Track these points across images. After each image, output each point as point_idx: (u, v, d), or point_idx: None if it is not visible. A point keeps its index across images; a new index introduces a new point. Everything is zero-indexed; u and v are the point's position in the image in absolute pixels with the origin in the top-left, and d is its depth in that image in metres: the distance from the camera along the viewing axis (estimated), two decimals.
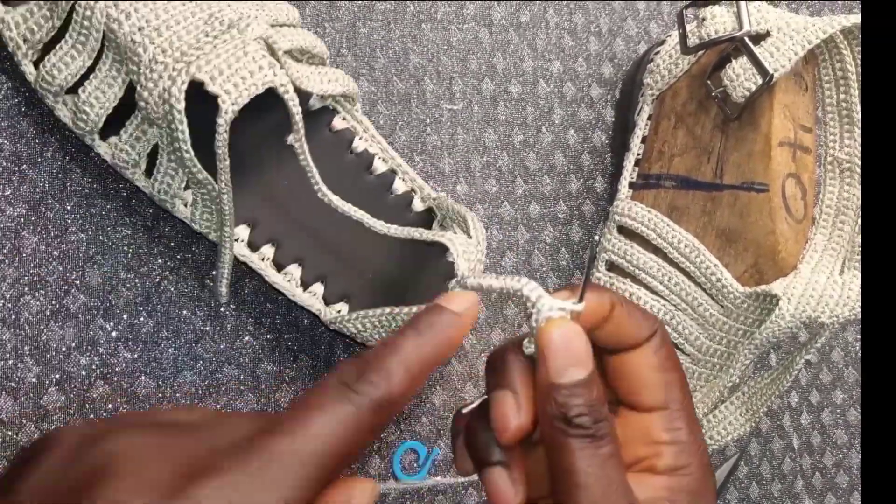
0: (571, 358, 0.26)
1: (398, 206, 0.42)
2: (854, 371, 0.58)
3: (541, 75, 0.51)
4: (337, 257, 0.41)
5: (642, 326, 0.28)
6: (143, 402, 0.39)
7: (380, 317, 0.38)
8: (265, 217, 0.40)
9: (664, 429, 0.28)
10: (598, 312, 0.28)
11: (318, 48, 0.39)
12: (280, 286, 0.40)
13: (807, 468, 0.55)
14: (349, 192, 0.40)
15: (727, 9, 0.43)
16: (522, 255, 0.49)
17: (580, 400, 0.25)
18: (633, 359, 0.29)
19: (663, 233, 0.45)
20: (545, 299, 0.27)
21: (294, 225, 0.40)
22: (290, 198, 0.40)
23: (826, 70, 0.46)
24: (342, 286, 0.41)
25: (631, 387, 0.29)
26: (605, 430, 0.25)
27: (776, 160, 0.43)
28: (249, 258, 0.39)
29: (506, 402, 0.26)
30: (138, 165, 0.37)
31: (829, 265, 0.44)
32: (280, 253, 0.40)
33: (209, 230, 0.38)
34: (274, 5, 0.38)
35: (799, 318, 0.40)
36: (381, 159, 0.42)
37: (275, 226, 0.40)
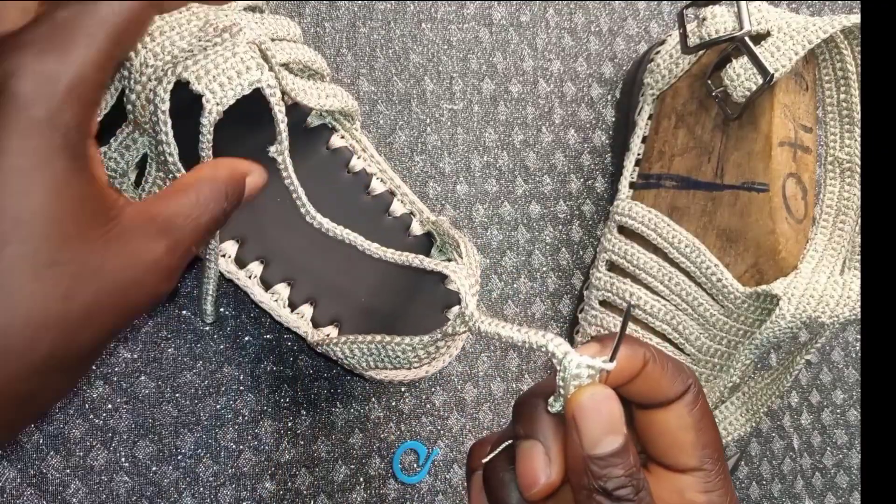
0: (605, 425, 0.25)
1: (395, 229, 0.41)
2: (854, 371, 0.58)
3: (541, 75, 0.51)
4: (329, 279, 0.39)
5: (676, 381, 0.27)
6: (142, 402, 0.39)
7: (369, 344, 0.36)
8: (255, 233, 0.39)
9: (699, 491, 0.27)
10: (629, 370, 0.26)
11: (318, 63, 0.38)
12: (266, 305, 0.38)
13: (807, 468, 0.55)
14: (345, 213, 0.38)
15: (727, 9, 0.43)
16: (522, 255, 0.49)
17: (619, 471, 0.24)
18: (665, 417, 0.27)
19: (664, 233, 0.45)
20: (572, 356, 0.25)
21: (285, 243, 0.39)
22: (283, 215, 0.39)
23: (826, 70, 0.46)
24: (333, 309, 0.39)
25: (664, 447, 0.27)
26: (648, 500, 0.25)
27: (776, 160, 0.43)
28: (236, 275, 0.38)
29: (536, 456, 0.26)
30: (126, 175, 0.36)
31: (830, 265, 0.44)
32: (268, 271, 0.39)
33: None
34: (274, 19, 0.37)
35: (799, 318, 0.40)
36: (379, 180, 0.41)
37: (265, 243, 0.39)
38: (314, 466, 0.42)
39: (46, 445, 0.37)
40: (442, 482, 0.45)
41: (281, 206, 0.39)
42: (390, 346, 0.35)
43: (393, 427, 0.44)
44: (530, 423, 0.26)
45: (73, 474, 0.38)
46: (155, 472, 0.39)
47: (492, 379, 0.47)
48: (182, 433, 0.40)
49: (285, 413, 0.42)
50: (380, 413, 0.44)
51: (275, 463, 0.41)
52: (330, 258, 0.40)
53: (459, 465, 0.46)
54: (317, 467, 0.42)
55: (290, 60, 0.37)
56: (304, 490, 0.42)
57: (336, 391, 0.43)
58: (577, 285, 0.50)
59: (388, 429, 0.44)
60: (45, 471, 0.37)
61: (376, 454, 0.44)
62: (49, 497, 0.37)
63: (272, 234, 0.39)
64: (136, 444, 0.39)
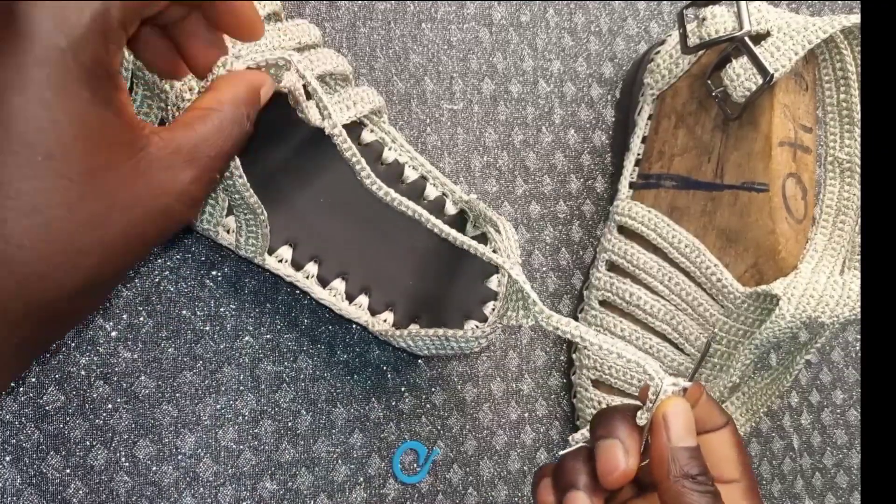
0: (688, 426, 0.31)
1: (431, 211, 0.43)
2: (854, 371, 0.58)
3: (541, 75, 0.51)
4: (378, 267, 0.42)
5: (721, 412, 0.34)
6: (142, 402, 0.39)
7: (433, 337, 0.39)
8: (306, 235, 0.41)
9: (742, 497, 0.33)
10: (695, 395, 0.33)
11: (342, 67, 0.40)
12: (326, 301, 0.40)
13: (807, 468, 0.55)
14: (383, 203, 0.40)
15: (727, 9, 0.43)
16: (523, 255, 0.49)
17: (698, 462, 0.30)
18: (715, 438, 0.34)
19: (663, 233, 0.45)
20: (665, 377, 0.31)
21: (334, 239, 0.41)
22: (328, 213, 0.41)
23: (826, 70, 0.46)
24: (386, 295, 0.42)
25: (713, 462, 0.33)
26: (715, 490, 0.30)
27: (776, 160, 0.43)
28: (294, 277, 0.40)
29: (616, 449, 0.31)
30: None
31: (830, 265, 0.44)
32: (324, 269, 0.41)
33: (254, 254, 0.39)
34: (295, 27, 0.38)
35: (799, 318, 0.40)
36: (411, 167, 0.43)
37: (316, 243, 0.41)
38: (314, 466, 0.42)
39: (46, 445, 0.37)
40: (442, 482, 0.45)
41: (324, 204, 0.41)
42: (453, 338, 0.38)
43: (393, 427, 0.44)
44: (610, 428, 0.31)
45: (73, 474, 0.38)
46: (155, 472, 0.39)
47: (492, 379, 0.47)
48: (182, 433, 0.40)
49: (285, 413, 0.42)
50: (380, 413, 0.44)
51: (275, 463, 0.41)
52: (375, 248, 0.42)
53: (459, 465, 0.46)
54: (317, 467, 0.42)
55: (323, 73, 0.38)
56: (304, 490, 0.42)
57: (336, 391, 0.43)
58: (577, 285, 0.50)
59: (388, 429, 0.44)
60: (45, 471, 0.37)
61: (376, 454, 0.44)
62: (49, 497, 0.37)
63: (322, 233, 0.41)
64: (136, 444, 0.39)
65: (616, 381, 0.46)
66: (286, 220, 0.40)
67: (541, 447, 0.48)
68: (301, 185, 0.41)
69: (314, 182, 0.41)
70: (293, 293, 0.43)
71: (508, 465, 0.47)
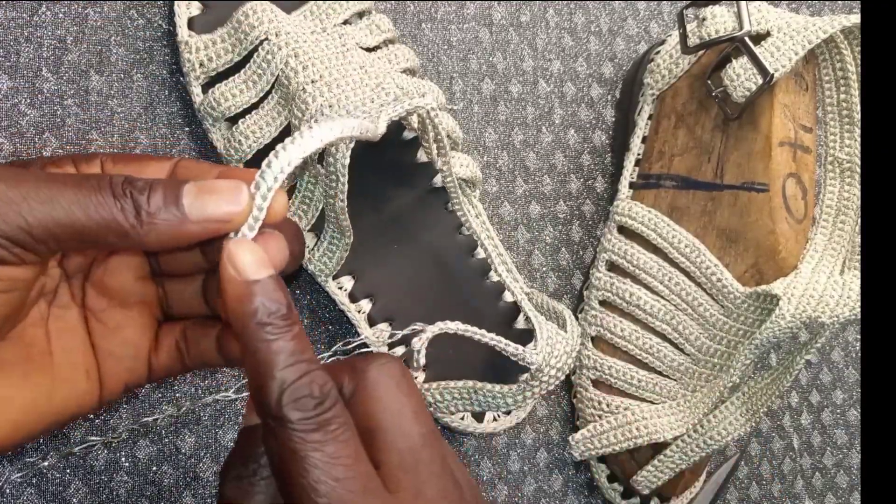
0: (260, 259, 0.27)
1: (490, 294, 0.43)
2: (854, 371, 0.58)
3: (541, 75, 0.51)
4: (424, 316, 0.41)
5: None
6: (142, 403, 0.39)
7: (461, 389, 0.39)
8: (370, 274, 0.41)
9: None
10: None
11: (457, 133, 0.42)
12: (369, 340, 0.41)
13: (807, 468, 0.55)
14: (451, 270, 0.42)
15: (727, 9, 0.43)
16: (522, 255, 0.49)
17: (277, 298, 0.26)
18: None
19: (663, 233, 0.45)
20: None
21: (391, 286, 0.42)
22: (396, 260, 0.42)
23: (826, 70, 0.46)
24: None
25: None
26: (300, 328, 0.27)
27: (776, 160, 0.43)
28: (347, 307, 0.41)
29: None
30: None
31: (830, 265, 0.44)
32: (375, 309, 0.41)
33: (321, 272, 0.40)
34: (431, 88, 0.40)
35: (799, 318, 0.40)
36: (483, 247, 0.42)
37: (375, 283, 0.42)
38: None
39: (46, 445, 0.37)
40: None
41: (397, 251, 0.42)
42: (482, 390, 0.39)
43: None
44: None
45: (73, 474, 0.38)
46: (155, 472, 0.39)
47: None
48: (182, 433, 0.40)
49: None
50: None
51: None
52: (425, 305, 0.42)
53: None
54: None
55: (446, 131, 0.40)
56: None
57: None
58: (577, 285, 0.50)
59: None
60: (45, 471, 0.37)
61: None
62: (49, 497, 0.37)
63: (385, 276, 0.42)
64: (136, 444, 0.39)
65: (616, 382, 0.46)
66: (360, 253, 0.41)
67: (541, 447, 0.48)
68: (384, 227, 0.42)
69: (396, 228, 0.42)
70: (293, 293, 0.43)
71: (508, 465, 0.47)
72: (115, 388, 0.31)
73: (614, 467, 0.47)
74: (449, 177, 0.40)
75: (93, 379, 0.30)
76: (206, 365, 0.32)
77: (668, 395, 0.46)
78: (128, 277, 0.31)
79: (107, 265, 0.31)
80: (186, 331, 0.32)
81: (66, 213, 0.25)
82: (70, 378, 0.29)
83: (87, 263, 0.30)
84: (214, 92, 0.38)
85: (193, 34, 0.39)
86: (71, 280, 0.30)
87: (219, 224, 0.26)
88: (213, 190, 0.27)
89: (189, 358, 0.32)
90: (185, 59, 0.39)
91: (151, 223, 0.25)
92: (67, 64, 0.39)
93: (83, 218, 0.25)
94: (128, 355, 0.31)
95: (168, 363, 0.32)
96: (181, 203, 0.26)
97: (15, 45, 0.38)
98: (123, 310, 0.31)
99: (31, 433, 0.29)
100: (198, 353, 0.32)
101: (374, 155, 0.39)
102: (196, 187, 0.26)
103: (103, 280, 0.31)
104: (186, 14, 0.39)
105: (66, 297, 0.30)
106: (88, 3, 0.39)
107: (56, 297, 0.30)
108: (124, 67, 0.40)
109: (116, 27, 0.40)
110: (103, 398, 0.31)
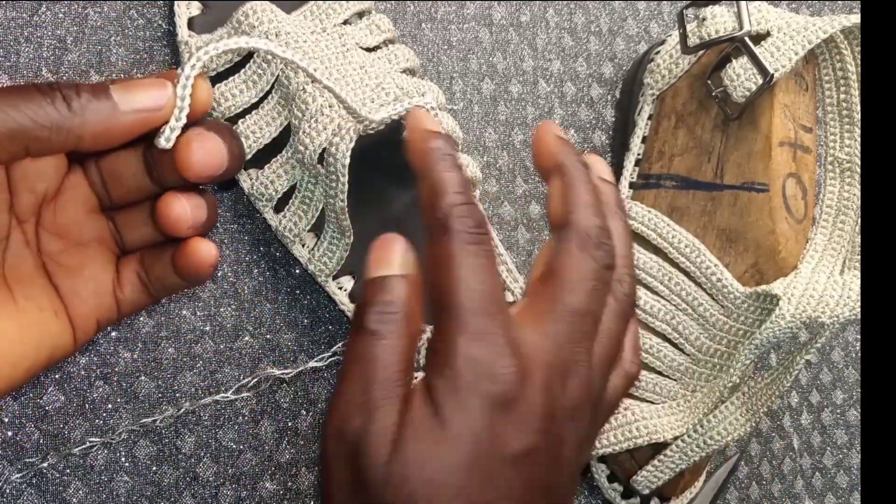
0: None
1: None
2: (854, 371, 0.58)
3: (541, 75, 0.51)
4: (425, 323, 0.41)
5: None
6: (142, 402, 0.39)
7: None
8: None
9: None
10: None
11: (457, 133, 0.42)
12: None
13: (807, 468, 0.55)
14: None
15: (727, 9, 0.43)
16: (522, 255, 0.49)
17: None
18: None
19: (663, 233, 0.45)
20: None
21: None
22: None
23: (826, 70, 0.46)
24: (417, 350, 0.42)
25: None
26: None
27: (776, 160, 0.43)
28: (347, 307, 0.41)
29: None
30: (272, 200, 0.39)
31: (830, 265, 0.44)
32: None
33: (321, 272, 0.40)
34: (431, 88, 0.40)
35: (799, 318, 0.40)
36: None
37: None
38: (314, 466, 0.42)
39: (46, 445, 0.37)
40: None
41: None
42: None
43: None
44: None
45: (73, 474, 0.38)
46: (155, 472, 0.39)
47: None
48: (182, 433, 0.40)
49: (285, 413, 0.42)
50: None
51: (275, 463, 0.41)
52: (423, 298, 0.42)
53: None
54: (317, 467, 0.42)
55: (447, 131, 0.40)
56: (304, 490, 0.42)
57: None
58: None
59: None
60: (45, 471, 0.37)
61: None
62: (49, 497, 0.37)
63: None
64: (136, 444, 0.39)
65: None
66: (360, 253, 0.40)
67: None
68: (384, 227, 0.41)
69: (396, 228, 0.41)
70: (293, 293, 0.43)
71: None
72: (88, 327, 0.32)
73: (614, 467, 0.47)
74: None
75: (62, 319, 0.31)
76: (168, 290, 0.33)
77: (668, 395, 0.46)
78: (78, 213, 0.32)
79: (55, 204, 0.31)
80: (144, 260, 0.33)
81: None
82: (39, 321, 0.30)
83: (36, 205, 0.31)
84: (214, 92, 0.38)
85: (193, 34, 0.39)
86: (23, 225, 0.31)
87: (147, 114, 0.28)
88: (138, 84, 0.29)
89: (152, 286, 0.33)
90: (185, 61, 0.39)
91: (83, 114, 0.27)
92: (67, 64, 0.39)
93: (16, 116, 0.26)
94: (92, 293, 0.32)
95: (134, 296, 0.33)
96: (110, 95, 0.28)
97: (15, 45, 0.38)
98: (79, 249, 0.32)
99: (9, 380, 0.30)
100: (157, 278, 0.33)
101: (374, 155, 0.39)
102: (122, 83, 0.28)
103: (54, 220, 0.31)
104: (186, 14, 0.39)
105: (19, 244, 0.31)
106: (88, 3, 0.39)
107: (9, 245, 0.31)
108: (124, 67, 0.40)
109: (116, 27, 0.40)
110: (78, 338, 0.32)
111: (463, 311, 0.27)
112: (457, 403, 0.26)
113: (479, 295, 0.28)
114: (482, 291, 0.28)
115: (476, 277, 0.28)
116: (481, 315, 0.27)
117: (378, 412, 0.27)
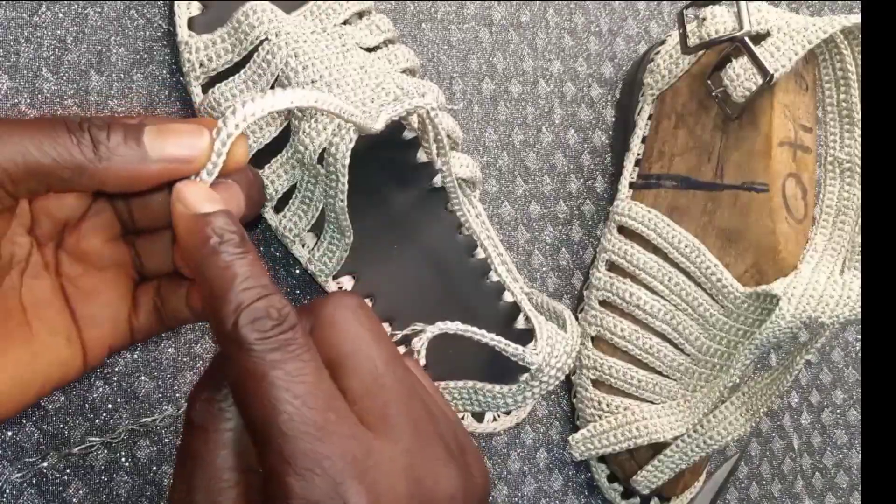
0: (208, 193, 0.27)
1: (490, 294, 0.43)
2: (854, 371, 0.58)
3: (541, 75, 0.51)
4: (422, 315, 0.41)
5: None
6: (142, 402, 0.39)
7: (461, 389, 0.39)
8: (369, 273, 0.41)
9: None
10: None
11: (457, 133, 0.42)
12: None
13: (807, 468, 0.55)
14: (451, 270, 0.42)
15: (727, 9, 0.43)
16: (522, 255, 0.49)
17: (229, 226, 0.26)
18: None
19: (663, 233, 0.45)
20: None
21: (392, 286, 0.42)
22: (395, 261, 0.42)
23: (826, 70, 0.46)
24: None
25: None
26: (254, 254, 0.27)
27: (776, 160, 0.43)
28: None
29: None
30: (272, 200, 0.39)
31: (830, 265, 0.44)
32: (375, 309, 0.41)
33: (321, 272, 0.40)
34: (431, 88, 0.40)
35: (799, 318, 0.40)
36: (483, 247, 0.43)
37: (375, 283, 0.41)
38: None
39: (46, 445, 0.37)
40: None
41: (397, 252, 0.42)
42: (483, 390, 0.39)
43: None
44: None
45: (73, 474, 0.38)
46: (155, 472, 0.39)
47: None
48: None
49: None
50: None
51: None
52: (427, 305, 0.42)
53: None
54: None
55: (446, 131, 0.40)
56: None
57: None
58: (577, 285, 0.50)
59: None
60: (45, 471, 0.37)
61: None
62: (49, 497, 0.37)
63: (385, 276, 0.42)
64: (136, 444, 0.39)
65: (616, 381, 0.46)
66: (360, 253, 0.41)
67: (541, 447, 0.48)
68: (384, 227, 0.42)
69: (396, 228, 0.42)
70: (293, 293, 0.43)
71: (508, 465, 0.47)
72: (99, 353, 0.31)
73: (614, 467, 0.47)
74: (449, 177, 0.40)
75: (74, 345, 0.30)
76: (180, 322, 0.32)
77: (668, 395, 0.46)
78: (100, 240, 0.31)
79: (79, 230, 0.31)
80: (161, 288, 0.32)
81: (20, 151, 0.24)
82: (51, 346, 0.29)
83: (57, 230, 0.30)
84: (214, 92, 0.38)
85: (193, 34, 0.39)
86: (43, 248, 0.30)
87: (178, 164, 0.27)
88: (174, 131, 0.27)
89: (166, 316, 0.32)
90: (185, 60, 0.39)
91: (110, 159, 0.25)
92: (67, 64, 0.39)
93: (38, 154, 0.24)
94: (108, 318, 0.31)
95: (148, 323, 0.32)
96: (142, 141, 0.26)
97: (15, 45, 0.38)
98: (99, 273, 0.31)
99: (18, 404, 0.29)
100: (171, 310, 0.32)
101: (374, 155, 0.39)
102: (157, 128, 0.27)
103: (76, 245, 0.31)
104: (186, 14, 0.39)
105: (38, 267, 0.30)
106: (88, 3, 0.39)
107: (28, 266, 0.30)
108: (124, 67, 0.40)
109: (116, 27, 0.40)
110: (88, 363, 0.31)
111: (285, 442, 0.23)
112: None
113: (301, 417, 0.23)
114: (303, 412, 0.23)
115: (291, 393, 0.23)
116: (309, 442, 0.23)
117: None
